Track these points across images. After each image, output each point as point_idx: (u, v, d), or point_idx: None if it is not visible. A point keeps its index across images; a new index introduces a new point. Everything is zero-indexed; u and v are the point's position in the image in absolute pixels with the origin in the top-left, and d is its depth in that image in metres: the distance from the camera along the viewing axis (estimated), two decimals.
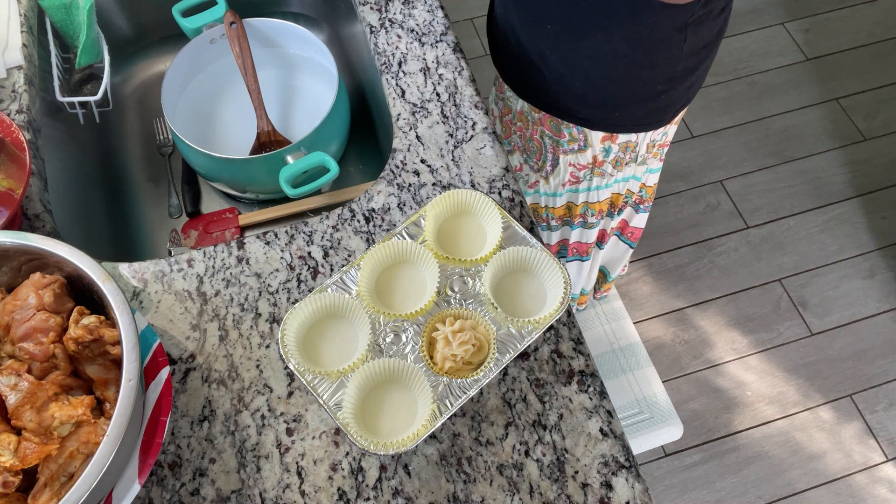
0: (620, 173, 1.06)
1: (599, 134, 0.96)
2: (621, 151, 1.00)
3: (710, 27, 0.85)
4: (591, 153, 1.00)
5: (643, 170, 1.09)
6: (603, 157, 1.01)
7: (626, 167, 1.05)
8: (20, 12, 0.89)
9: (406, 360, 0.64)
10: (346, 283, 0.68)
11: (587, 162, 1.02)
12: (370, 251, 0.68)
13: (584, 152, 1.00)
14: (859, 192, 1.89)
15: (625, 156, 1.02)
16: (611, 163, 1.02)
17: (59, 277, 0.61)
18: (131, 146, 1.04)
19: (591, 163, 1.02)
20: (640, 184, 1.13)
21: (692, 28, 0.82)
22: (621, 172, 1.06)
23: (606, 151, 1.00)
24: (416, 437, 0.60)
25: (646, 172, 1.10)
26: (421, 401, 0.63)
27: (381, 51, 0.88)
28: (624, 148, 0.99)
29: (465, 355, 0.63)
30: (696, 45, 0.86)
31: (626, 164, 1.04)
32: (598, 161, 1.01)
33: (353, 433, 0.60)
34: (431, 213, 0.70)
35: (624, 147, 0.99)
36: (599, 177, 1.05)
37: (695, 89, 0.96)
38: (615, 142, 0.98)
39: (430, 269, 0.69)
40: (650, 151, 1.04)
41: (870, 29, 2.15)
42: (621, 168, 1.05)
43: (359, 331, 0.67)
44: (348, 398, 0.61)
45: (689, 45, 0.85)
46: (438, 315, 0.67)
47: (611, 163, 1.02)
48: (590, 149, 0.99)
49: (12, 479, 0.53)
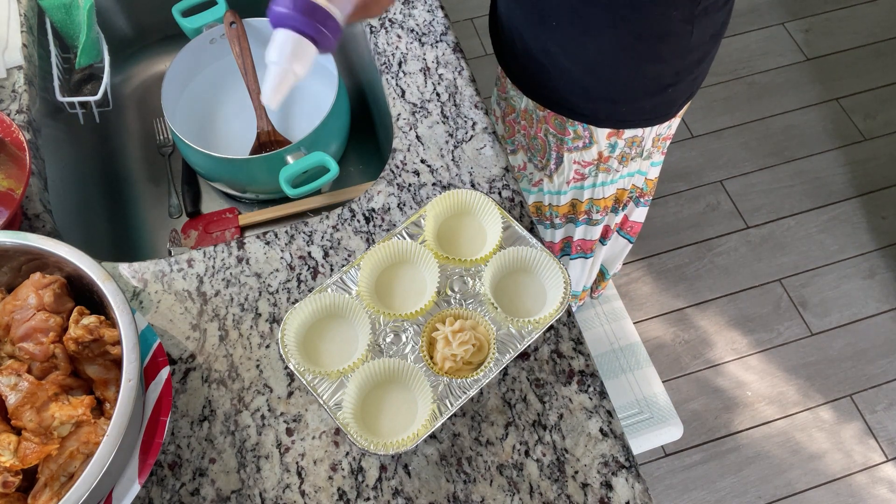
0: (626, 168, 1.06)
1: (605, 130, 0.96)
2: (627, 147, 1.00)
3: (716, 18, 0.85)
4: (596, 150, 1.00)
5: (648, 164, 1.08)
6: (609, 153, 1.00)
7: (632, 162, 1.05)
8: (20, 12, 0.89)
9: (406, 360, 0.64)
10: (345, 283, 0.68)
11: (592, 159, 1.01)
12: (370, 251, 0.68)
13: (588, 149, 1.00)
14: (859, 192, 1.89)
15: (630, 151, 1.01)
16: (616, 158, 1.02)
17: (59, 277, 0.61)
18: (131, 146, 1.04)
19: (597, 159, 1.01)
20: (644, 178, 1.13)
21: (699, 20, 0.82)
22: (626, 168, 1.06)
23: (612, 147, 0.99)
24: (416, 437, 0.60)
25: (649, 166, 1.10)
26: (421, 401, 0.63)
27: (381, 51, 0.88)
28: (630, 143, 0.99)
29: (465, 355, 0.64)
30: (703, 37, 0.85)
31: (631, 159, 1.03)
32: (603, 157, 1.01)
33: (353, 433, 0.60)
34: (431, 213, 0.71)
35: (630, 142, 0.99)
36: (605, 173, 1.05)
37: (699, 81, 0.95)
38: (621, 137, 0.98)
39: (430, 269, 0.69)
40: (655, 145, 1.03)
41: (870, 29, 2.15)
42: (627, 163, 1.04)
43: (359, 331, 0.67)
44: (348, 398, 0.61)
45: (697, 37, 0.84)
46: (438, 315, 0.67)
47: (616, 158, 1.02)
48: (595, 146, 0.99)
49: (12, 479, 0.53)
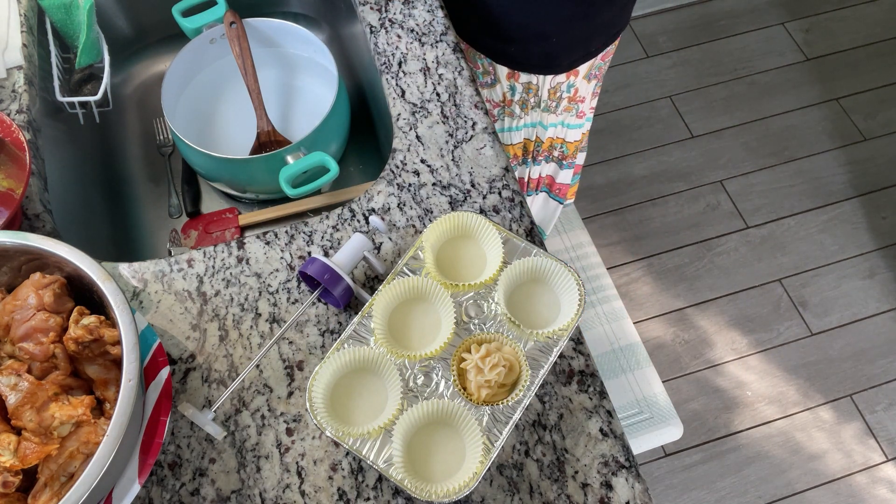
0: (528, 117, 1.13)
1: (504, 70, 1.04)
2: (524, 92, 1.07)
3: None
4: (500, 90, 1.08)
5: (552, 119, 1.14)
6: (510, 95, 1.08)
7: (532, 111, 1.12)
8: (20, 12, 0.89)
9: (443, 399, 0.62)
10: (360, 334, 0.65)
11: (499, 99, 1.09)
12: (377, 296, 0.66)
13: (494, 87, 1.08)
14: (859, 192, 1.89)
15: (528, 98, 1.08)
16: (518, 104, 1.09)
17: (59, 277, 0.61)
18: (131, 146, 1.04)
19: (502, 100, 1.09)
20: (554, 138, 1.19)
21: None
22: (528, 116, 1.13)
23: (512, 90, 1.07)
24: (476, 476, 0.58)
25: (559, 125, 1.16)
26: (468, 436, 0.61)
27: (381, 51, 0.88)
28: (526, 89, 1.06)
29: (498, 378, 0.62)
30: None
31: (531, 107, 1.10)
32: (507, 100, 1.09)
33: (411, 487, 0.58)
34: (428, 244, 0.69)
35: (526, 88, 1.06)
36: (510, 117, 1.13)
37: (593, 47, 1.02)
38: (518, 80, 1.05)
39: (441, 301, 0.67)
40: (553, 99, 1.09)
41: (870, 29, 2.15)
42: (527, 111, 1.12)
43: (386, 380, 0.65)
44: (396, 452, 0.59)
45: None
46: (462, 345, 0.65)
47: (518, 104, 1.09)
48: (498, 85, 1.07)
49: (12, 479, 0.53)
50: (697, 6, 2.20)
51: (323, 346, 0.69)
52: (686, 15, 2.19)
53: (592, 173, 1.92)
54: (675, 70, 2.09)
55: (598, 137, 1.97)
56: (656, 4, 2.20)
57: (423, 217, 0.76)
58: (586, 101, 1.14)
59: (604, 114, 2.01)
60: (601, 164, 1.94)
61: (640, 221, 1.85)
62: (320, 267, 0.67)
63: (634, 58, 2.12)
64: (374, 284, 0.73)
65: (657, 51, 2.13)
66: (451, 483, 0.59)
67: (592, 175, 1.91)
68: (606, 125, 1.99)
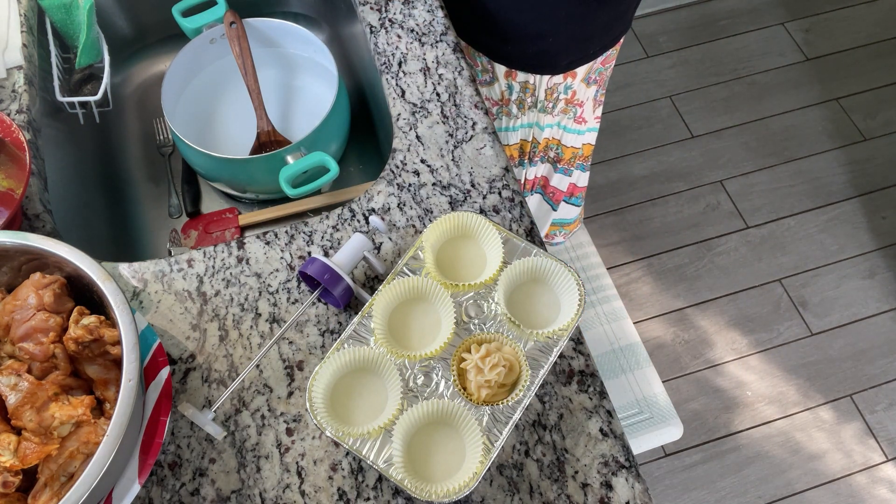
0: (525, 117, 1.13)
1: (502, 68, 1.04)
2: (521, 92, 1.07)
3: None
4: (498, 88, 1.08)
5: (549, 119, 1.15)
6: (508, 94, 1.08)
7: (529, 111, 1.12)
8: (20, 12, 0.89)
9: (443, 399, 0.62)
10: (360, 334, 0.65)
11: (497, 98, 1.10)
12: (377, 296, 0.66)
13: (493, 86, 1.08)
14: (859, 192, 1.89)
15: (526, 98, 1.09)
16: (515, 103, 1.10)
17: (59, 277, 0.61)
18: (131, 146, 1.04)
19: (500, 99, 1.10)
20: (550, 139, 1.19)
21: None
22: (525, 116, 1.13)
23: (510, 89, 1.07)
24: (476, 476, 0.58)
25: (556, 126, 1.16)
26: (468, 436, 0.61)
27: (381, 51, 0.88)
28: (523, 88, 1.07)
29: (498, 378, 0.62)
30: None
31: (528, 107, 1.11)
32: (504, 99, 1.09)
33: (411, 487, 0.58)
34: (427, 244, 0.69)
35: (523, 87, 1.07)
36: (507, 117, 1.13)
37: (591, 49, 1.02)
38: (515, 79, 1.06)
39: (441, 301, 0.67)
40: (549, 99, 1.10)
41: (870, 29, 2.15)
42: (524, 111, 1.12)
43: (386, 380, 0.65)
44: (396, 452, 0.59)
45: None
46: (462, 344, 0.65)
47: (515, 103, 1.10)
48: (497, 83, 1.07)
49: (12, 479, 0.53)
50: (697, 6, 2.20)
51: (323, 346, 0.69)
52: (686, 15, 2.19)
53: (593, 173, 1.92)
54: (675, 70, 2.09)
55: (599, 137, 1.96)
56: (656, 4, 2.20)
57: (423, 217, 0.76)
58: (586, 107, 1.14)
59: (604, 114, 2.01)
60: (601, 164, 1.94)
61: (640, 221, 1.85)
62: (320, 267, 0.67)
63: (634, 58, 2.12)
64: (374, 284, 0.73)
65: (657, 51, 2.13)
66: (451, 483, 0.58)
67: (593, 175, 1.91)
68: (606, 125, 1.99)
